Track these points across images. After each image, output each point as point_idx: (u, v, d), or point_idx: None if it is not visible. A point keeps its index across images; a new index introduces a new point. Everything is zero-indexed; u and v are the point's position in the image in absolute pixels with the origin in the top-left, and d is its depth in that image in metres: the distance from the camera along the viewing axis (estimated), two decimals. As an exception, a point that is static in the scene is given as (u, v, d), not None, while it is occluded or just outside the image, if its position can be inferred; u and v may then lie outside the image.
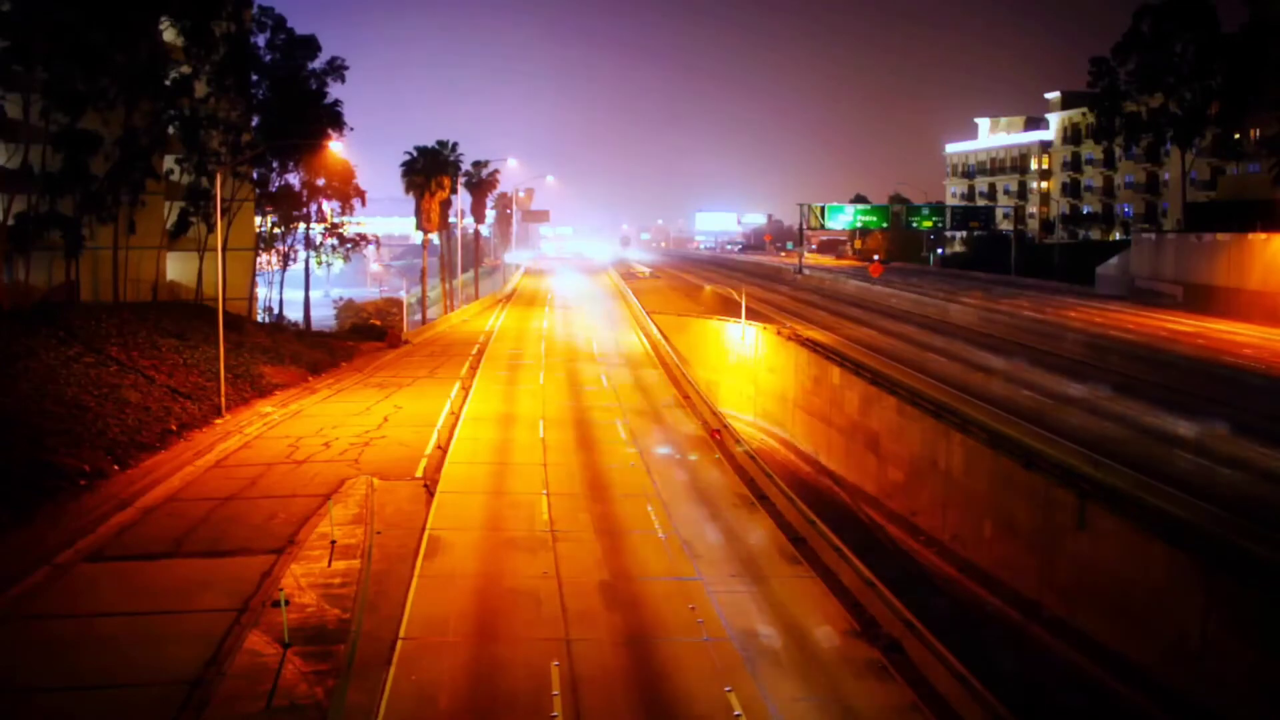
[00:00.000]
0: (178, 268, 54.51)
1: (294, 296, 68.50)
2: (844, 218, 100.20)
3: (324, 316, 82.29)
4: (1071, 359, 43.32)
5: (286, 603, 16.79)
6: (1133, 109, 77.00)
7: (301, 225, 65.89)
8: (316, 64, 57.84)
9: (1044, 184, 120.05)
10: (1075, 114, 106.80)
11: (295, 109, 55.58)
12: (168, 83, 47.99)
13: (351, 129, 61.27)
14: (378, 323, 71.96)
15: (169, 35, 49.69)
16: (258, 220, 61.64)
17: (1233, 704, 19.62)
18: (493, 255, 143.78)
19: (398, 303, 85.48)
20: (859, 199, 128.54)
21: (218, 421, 33.50)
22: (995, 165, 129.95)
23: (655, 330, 55.88)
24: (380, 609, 18.19)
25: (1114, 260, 73.46)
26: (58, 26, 40.62)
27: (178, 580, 19.35)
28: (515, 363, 48.20)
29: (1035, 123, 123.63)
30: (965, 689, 14.76)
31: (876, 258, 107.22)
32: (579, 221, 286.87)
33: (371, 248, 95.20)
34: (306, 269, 68.93)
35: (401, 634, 17.18)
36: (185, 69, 49.09)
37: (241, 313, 53.13)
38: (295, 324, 63.97)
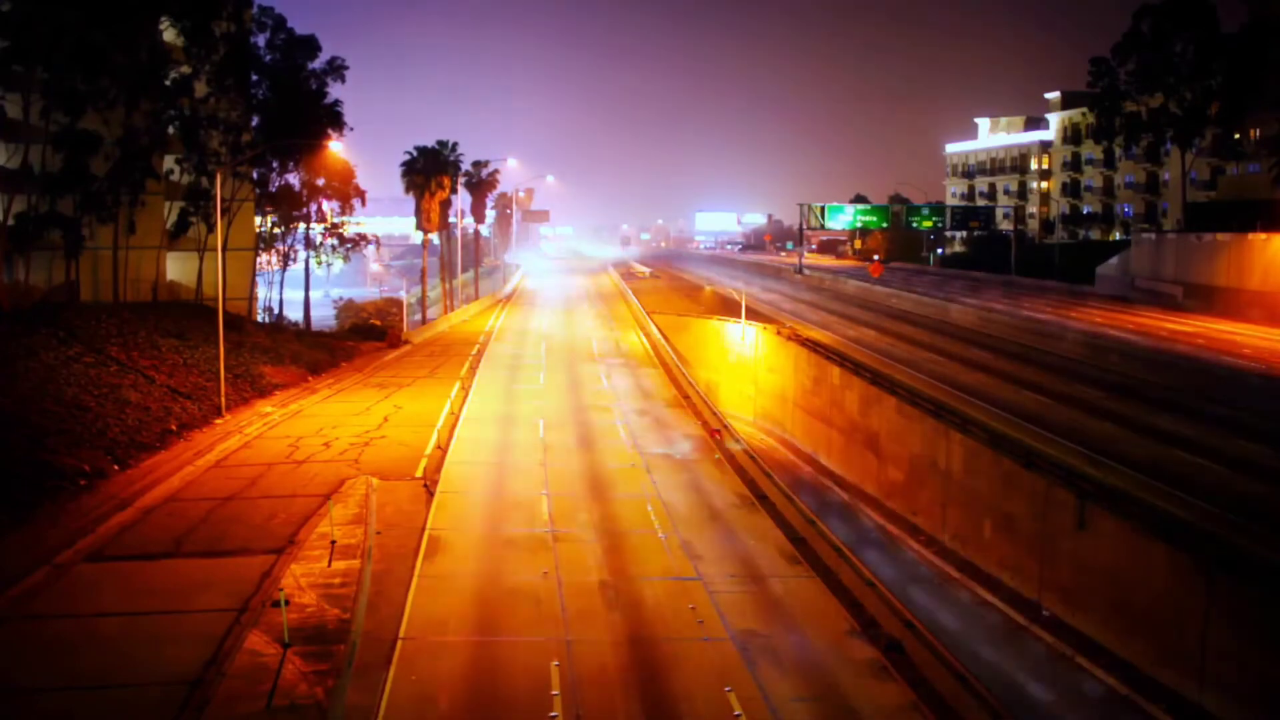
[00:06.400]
0: (178, 268, 54.50)
1: (294, 296, 68.55)
2: (844, 218, 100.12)
3: (324, 316, 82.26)
4: (1071, 359, 43.31)
5: (286, 603, 16.78)
6: (1133, 109, 76.96)
7: (301, 225, 65.92)
8: (316, 64, 57.89)
9: (1044, 184, 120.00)
10: (1075, 114, 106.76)
11: (295, 109, 55.57)
12: (168, 83, 48.00)
13: (351, 129, 61.40)
14: (378, 323, 71.94)
15: (169, 35, 49.70)
16: (258, 220, 61.64)
17: (1233, 704, 19.63)
18: (493, 255, 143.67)
19: (398, 303, 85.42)
20: (859, 199, 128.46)
21: (218, 421, 33.49)
22: (995, 165, 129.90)
23: (655, 330, 55.88)
24: (380, 609, 18.20)
25: (1114, 260, 73.45)
26: (58, 26, 40.63)
27: (178, 580, 19.35)
28: (515, 363, 48.19)
29: (1035, 123, 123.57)
30: (965, 689, 14.76)
31: (876, 258, 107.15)
32: (579, 221, 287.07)
33: (371, 248, 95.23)
34: (306, 269, 68.94)
35: (401, 634, 17.19)
36: (185, 69, 49.10)
37: (241, 313, 53.13)
38: (295, 324, 63.98)
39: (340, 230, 68.74)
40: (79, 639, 16.81)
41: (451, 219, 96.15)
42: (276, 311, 65.32)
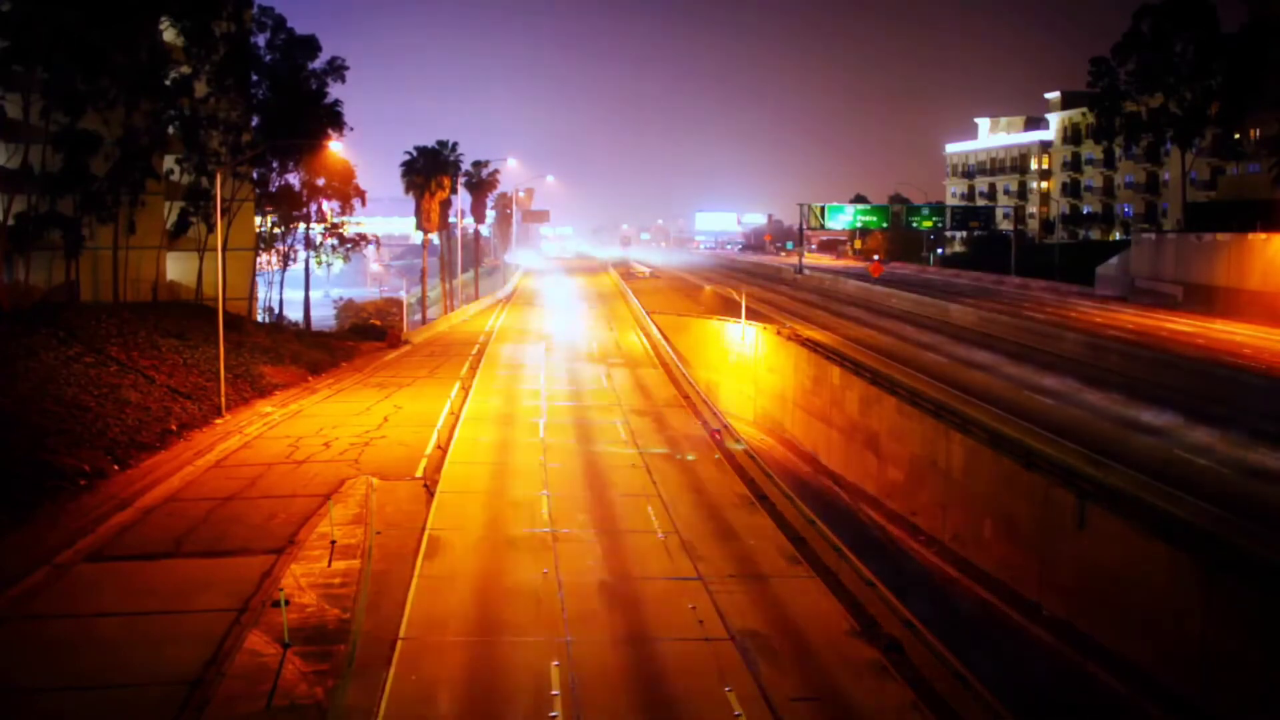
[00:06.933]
0: (178, 268, 54.52)
1: (294, 296, 68.60)
2: (844, 218, 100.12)
3: (324, 316, 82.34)
4: (1071, 359, 43.30)
5: (286, 603, 16.79)
6: (1133, 109, 76.96)
7: (301, 225, 65.96)
8: (316, 64, 57.98)
9: (1044, 184, 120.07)
10: (1075, 114, 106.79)
11: (295, 109, 55.62)
12: (168, 83, 48.02)
13: (351, 129, 61.39)
14: (378, 323, 72.01)
15: (169, 35, 49.72)
16: (258, 220, 61.68)
17: (1233, 705, 19.62)
18: (493, 255, 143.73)
19: (398, 303, 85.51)
20: (859, 199, 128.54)
21: (218, 421, 33.50)
22: (995, 165, 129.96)
23: (655, 330, 55.89)
24: (380, 609, 18.20)
25: (1114, 260, 73.42)
26: (58, 26, 40.64)
27: (178, 580, 19.35)
28: (515, 363, 48.20)
29: (1035, 123, 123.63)
30: (965, 689, 14.77)
31: (876, 258, 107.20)
32: (579, 221, 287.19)
33: (371, 248, 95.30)
34: (306, 269, 68.98)
35: (401, 634, 17.19)
36: (185, 69, 49.13)
37: (241, 313, 53.15)
38: (295, 324, 64.03)
39: (340, 230, 68.84)
40: (79, 639, 16.81)
41: (451, 219, 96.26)
42: (276, 311, 65.40)
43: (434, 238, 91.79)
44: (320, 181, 65.18)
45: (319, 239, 68.52)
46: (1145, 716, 21.00)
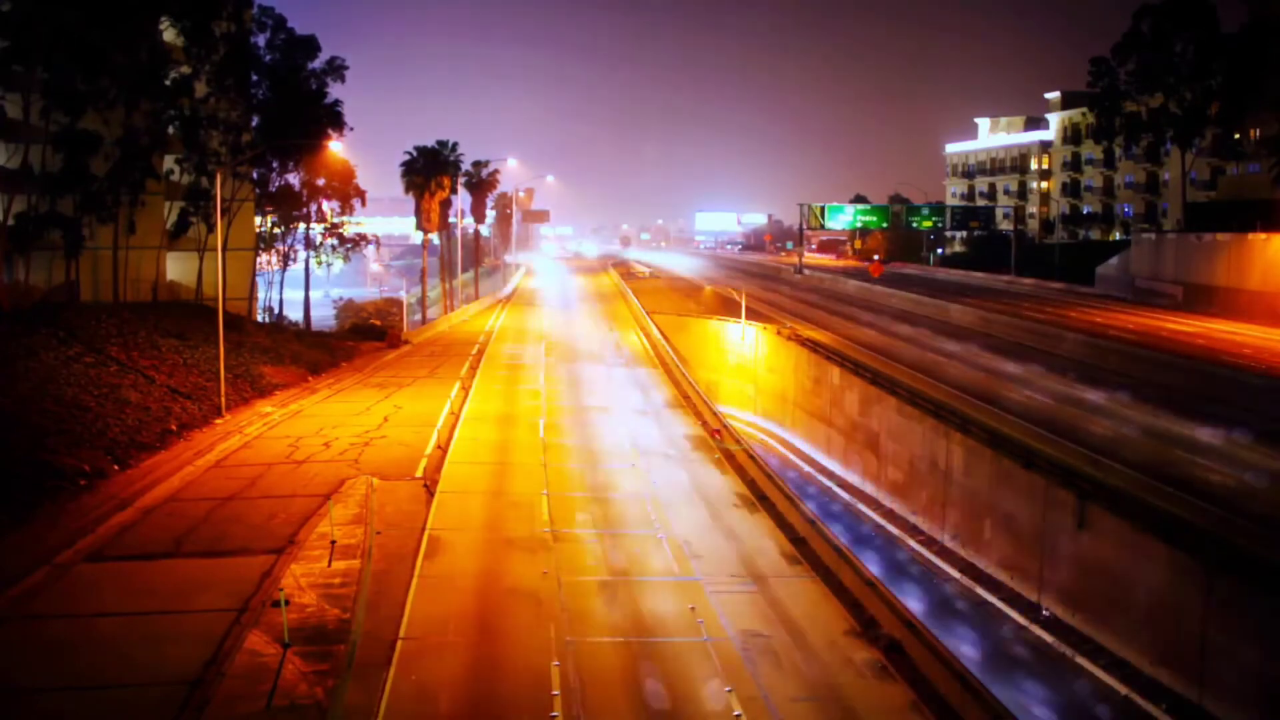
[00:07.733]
0: (178, 268, 54.53)
1: (294, 296, 68.61)
2: (844, 218, 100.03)
3: (324, 316, 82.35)
4: (1071, 359, 43.30)
5: (286, 603, 16.78)
6: (1133, 109, 76.94)
7: (301, 225, 65.96)
8: (316, 64, 58.03)
9: (1044, 184, 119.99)
10: (1075, 114, 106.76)
11: (295, 109, 55.64)
12: (168, 83, 48.03)
13: (351, 129, 61.40)
14: (378, 323, 71.99)
15: (169, 35, 49.74)
16: (258, 220, 61.69)
17: (1233, 704, 19.63)
18: (493, 255, 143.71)
19: (398, 303, 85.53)
20: (859, 199, 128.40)
21: (218, 421, 33.49)
22: (995, 165, 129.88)
23: (655, 330, 55.87)
24: (380, 609, 18.19)
25: (1114, 260, 73.43)
26: (58, 26, 40.65)
27: (178, 580, 19.35)
28: (515, 362, 48.19)
29: (1035, 123, 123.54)
30: (965, 689, 14.76)
31: (876, 258, 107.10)
32: (579, 221, 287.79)
33: (371, 248, 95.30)
34: (306, 269, 68.98)
35: (401, 634, 17.18)
36: (185, 69, 49.14)
37: (241, 313, 53.15)
38: (295, 324, 64.04)
39: (340, 230, 68.89)
40: (79, 639, 16.80)
41: (451, 219, 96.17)
42: (276, 311, 65.42)
43: (434, 238, 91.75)
44: (320, 181, 65.22)
45: (319, 239, 68.55)
46: (1145, 717, 21.01)
